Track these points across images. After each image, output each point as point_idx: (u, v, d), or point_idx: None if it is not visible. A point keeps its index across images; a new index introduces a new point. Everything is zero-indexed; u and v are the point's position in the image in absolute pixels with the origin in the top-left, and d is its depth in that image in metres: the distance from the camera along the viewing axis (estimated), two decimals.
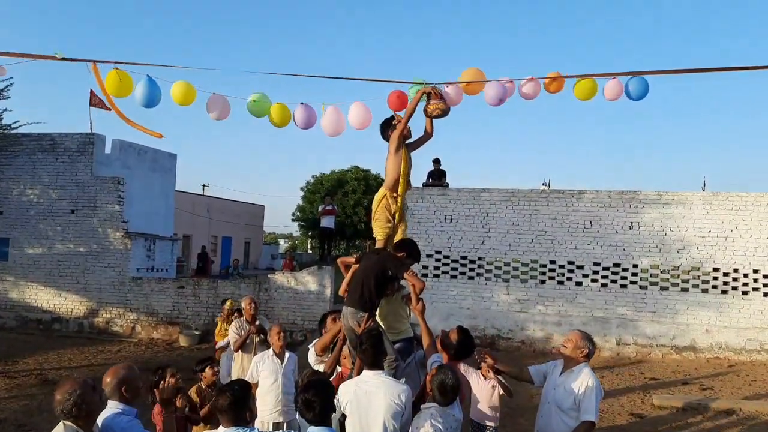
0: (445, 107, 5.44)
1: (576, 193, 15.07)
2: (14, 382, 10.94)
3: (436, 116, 5.48)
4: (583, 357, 4.60)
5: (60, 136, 17.07)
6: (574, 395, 4.46)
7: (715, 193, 14.61)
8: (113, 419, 3.70)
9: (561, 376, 4.65)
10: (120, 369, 3.89)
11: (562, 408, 4.52)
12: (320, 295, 15.31)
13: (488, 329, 15.11)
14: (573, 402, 4.46)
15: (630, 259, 14.60)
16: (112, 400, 3.76)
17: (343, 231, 34.26)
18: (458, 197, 15.60)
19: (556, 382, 4.67)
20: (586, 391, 4.43)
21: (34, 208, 16.98)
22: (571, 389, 4.49)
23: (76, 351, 13.87)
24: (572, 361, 4.62)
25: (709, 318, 14.18)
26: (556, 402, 4.57)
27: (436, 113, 5.44)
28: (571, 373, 4.58)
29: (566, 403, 4.50)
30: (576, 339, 4.66)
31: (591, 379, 4.48)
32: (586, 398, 4.42)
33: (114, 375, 3.81)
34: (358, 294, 4.73)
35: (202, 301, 15.97)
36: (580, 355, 4.60)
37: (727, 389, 11.38)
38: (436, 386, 3.99)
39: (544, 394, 4.77)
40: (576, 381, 4.51)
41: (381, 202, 5.47)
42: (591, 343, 4.65)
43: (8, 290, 17.05)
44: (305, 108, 5.84)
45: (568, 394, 4.49)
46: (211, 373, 6.20)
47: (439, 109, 5.43)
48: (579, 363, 4.59)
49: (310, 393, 3.61)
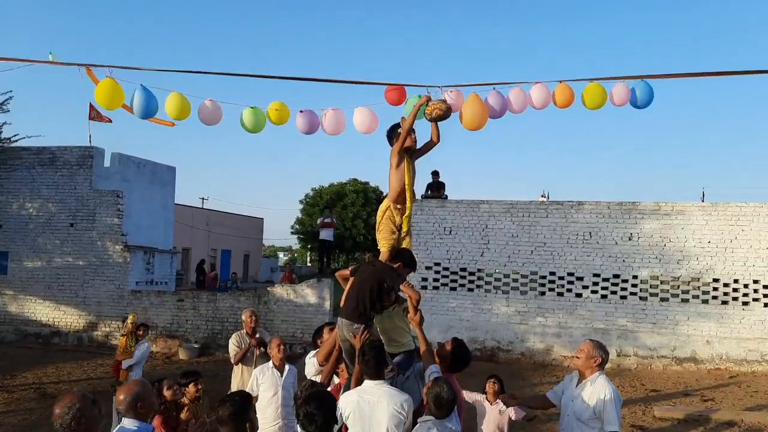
0: (445, 107, 5.29)
1: (575, 205, 15.09)
2: (13, 396, 10.89)
3: (437, 117, 5.31)
4: (597, 366, 4.62)
5: (59, 150, 17.09)
6: (593, 406, 4.48)
7: (715, 204, 14.63)
8: None
9: (578, 388, 4.67)
10: (133, 385, 3.83)
11: (582, 419, 4.54)
12: (319, 307, 15.28)
13: (488, 341, 15.08)
14: (592, 413, 4.48)
15: (630, 270, 14.60)
16: (127, 417, 3.70)
17: (342, 243, 34.26)
18: (457, 209, 15.61)
19: (573, 393, 4.69)
20: (605, 401, 4.45)
21: (33, 221, 16.97)
22: (589, 400, 4.51)
23: (75, 365, 13.81)
24: (587, 372, 4.65)
25: (709, 329, 14.15)
26: (576, 414, 4.59)
27: (435, 113, 5.27)
28: (587, 384, 4.60)
29: (585, 414, 4.52)
30: (588, 349, 4.67)
31: (608, 388, 4.50)
32: (607, 408, 4.44)
33: (128, 392, 3.74)
34: (353, 305, 4.72)
35: (201, 315, 15.92)
36: (594, 365, 4.62)
37: (729, 400, 11.35)
38: (432, 399, 3.99)
39: (563, 407, 4.79)
40: (593, 391, 4.53)
41: (385, 213, 5.45)
42: (603, 352, 4.67)
43: (7, 304, 17.00)
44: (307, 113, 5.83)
45: (587, 405, 4.51)
46: (194, 390, 5.86)
47: (438, 109, 5.27)
48: (594, 372, 4.61)
49: (312, 406, 3.58)
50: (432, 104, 5.30)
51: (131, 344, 9.37)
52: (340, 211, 34.69)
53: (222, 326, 15.60)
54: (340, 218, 33.54)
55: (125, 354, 9.38)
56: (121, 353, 9.47)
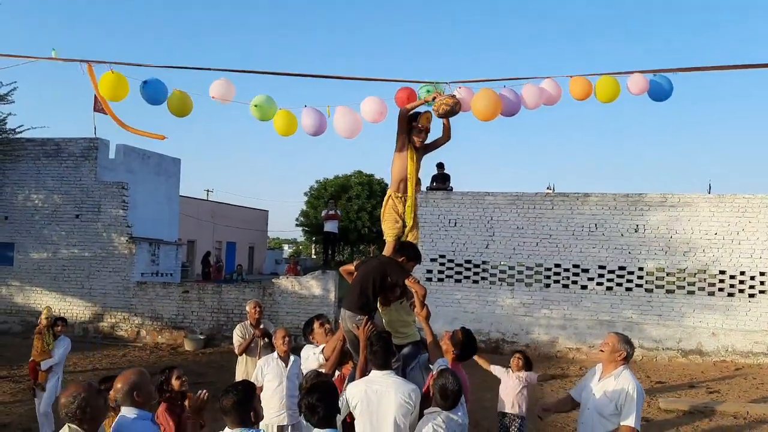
0: (452, 102, 5.21)
1: (581, 197, 15.03)
2: (19, 386, 10.95)
3: (444, 113, 5.25)
4: (622, 360, 4.48)
5: (64, 141, 17.11)
6: (616, 401, 4.35)
7: (721, 196, 14.55)
8: (131, 425, 3.69)
9: (600, 382, 4.53)
10: (130, 374, 3.86)
11: (604, 414, 4.41)
12: (324, 299, 15.29)
13: (493, 333, 15.07)
14: (615, 408, 4.36)
15: (635, 262, 14.55)
16: (125, 405, 3.75)
17: (346, 236, 34.29)
18: (462, 201, 15.58)
19: (595, 388, 4.55)
20: (627, 396, 4.32)
21: (38, 213, 17.01)
22: (612, 394, 4.38)
23: (80, 355, 13.86)
24: (611, 365, 4.51)
25: (715, 321, 14.11)
26: (597, 408, 4.46)
27: (443, 109, 5.20)
28: (610, 378, 4.47)
29: (608, 409, 4.39)
30: (613, 342, 4.54)
31: (632, 383, 4.36)
32: (628, 403, 4.31)
33: (125, 381, 3.79)
34: (356, 297, 4.74)
35: (206, 306, 15.96)
36: (619, 359, 4.49)
37: (734, 392, 11.32)
38: (438, 390, 4.00)
39: (584, 401, 4.65)
40: (617, 386, 4.39)
41: (387, 202, 5.45)
42: (629, 346, 4.53)
43: (13, 295, 17.07)
44: (314, 113, 5.62)
45: (609, 399, 4.39)
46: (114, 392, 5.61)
47: (445, 104, 5.20)
48: (618, 366, 4.48)
49: (314, 397, 3.56)
50: (439, 99, 5.24)
51: (48, 342, 8.14)
52: (344, 204, 34.69)
53: (227, 317, 15.64)
54: (345, 210, 33.54)
55: (43, 354, 8.10)
56: (38, 353, 8.11)
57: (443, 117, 5.34)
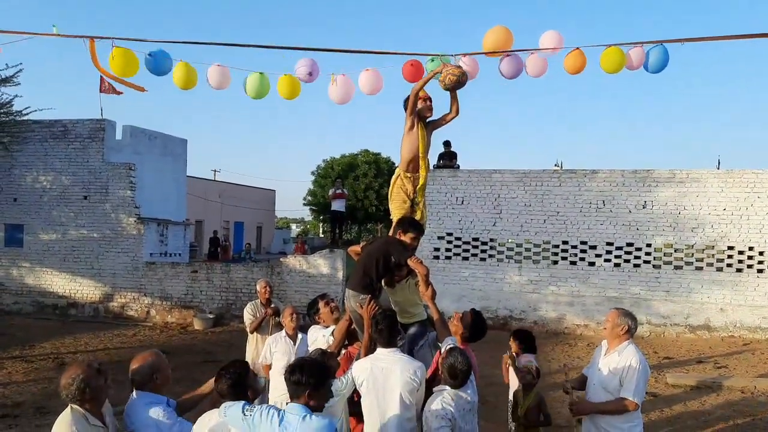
0: (459, 72, 5.15)
1: (589, 173, 14.96)
2: (32, 366, 11.08)
3: (451, 84, 5.17)
4: (625, 334, 4.50)
5: (71, 123, 17.12)
6: (619, 375, 4.39)
7: (730, 171, 14.45)
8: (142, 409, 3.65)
9: (606, 357, 4.58)
10: (149, 356, 3.81)
11: (608, 389, 4.46)
12: (332, 278, 15.35)
13: (500, 310, 15.12)
14: (618, 383, 4.40)
15: (643, 238, 14.51)
16: (143, 390, 3.72)
17: (354, 215, 34.29)
18: (469, 179, 15.54)
19: (600, 363, 4.60)
20: (630, 370, 4.35)
21: (47, 194, 17.08)
22: (615, 369, 4.43)
23: (92, 335, 14.02)
24: (615, 341, 4.55)
25: (723, 296, 14.09)
26: (602, 383, 4.51)
27: (449, 80, 5.13)
28: (614, 354, 4.51)
29: (611, 383, 4.44)
30: (613, 317, 4.57)
31: (635, 357, 4.39)
32: (629, 377, 4.35)
33: (144, 361, 3.75)
34: (359, 277, 4.76)
35: (215, 285, 16.05)
36: (621, 333, 4.51)
37: (742, 368, 11.34)
38: (446, 369, 4.01)
39: (590, 377, 4.71)
40: (620, 361, 4.43)
41: (396, 182, 5.42)
42: (630, 319, 4.54)
43: (24, 276, 17.22)
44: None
45: (613, 374, 4.43)
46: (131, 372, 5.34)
47: (451, 74, 5.13)
48: (622, 341, 4.50)
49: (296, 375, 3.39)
50: (446, 70, 5.15)
51: None
52: (352, 183, 34.64)
53: (236, 297, 15.74)
54: (352, 189, 33.51)
55: None
56: None
57: (450, 89, 5.27)
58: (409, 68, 5.62)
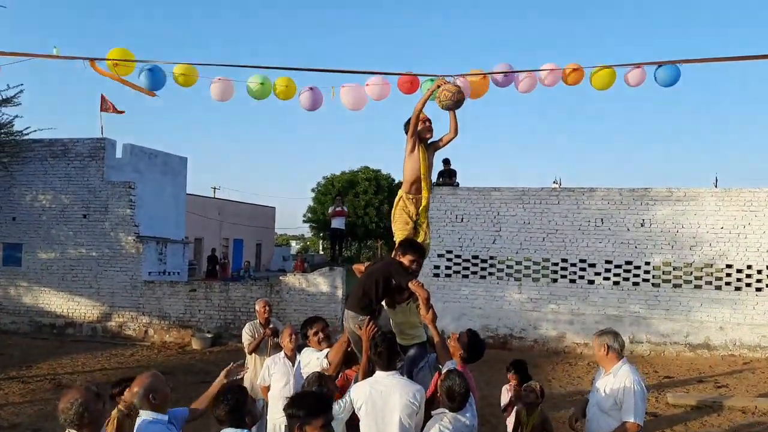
0: (455, 90, 5.15)
1: (587, 191, 15.00)
2: (28, 387, 11.03)
3: (447, 103, 5.17)
4: (612, 354, 4.61)
5: (71, 142, 17.17)
6: (613, 396, 4.49)
7: (727, 189, 14.49)
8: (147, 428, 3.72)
9: (602, 379, 4.69)
10: (145, 377, 3.89)
11: (603, 409, 4.57)
12: (332, 296, 15.32)
13: (501, 329, 15.07)
14: (613, 402, 4.49)
15: (642, 256, 14.52)
16: (143, 408, 3.78)
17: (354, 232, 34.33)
18: (469, 197, 15.57)
19: (598, 384, 4.72)
20: (625, 390, 4.43)
21: (46, 213, 17.09)
22: (611, 390, 4.53)
23: (89, 355, 13.96)
24: (607, 363, 4.67)
25: (723, 315, 14.07)
26: (599, 404, 4.62)
27: (444, 95, 5.14)
28: (610, 375, 4.62)
29: (606, 403, 4.54)
30: (595, 344, 4.73)
31: (630, 377, 4.47)
32: (626, 398, 4.42)
33: (140, 384, 3.82)
34: (359, 297, 4.75)
35: (214, 304, 16.01)
36: (606, 355, 4.63)
37: (742, 387, 11.30)
38: (444, 392, 4.01)
39: (590, 399, 4.83)
40: (616, 382, 4.53)
41: (398, 204, 5.42)
42: (610, 338, 4.64)
43: (22, 295, 17.17)
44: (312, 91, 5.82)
45: (608, 395, 4.53)
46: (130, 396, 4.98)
47: (447, 90, 5.14)
48: (615, 363, 4.61)
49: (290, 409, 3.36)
50: (442, 89, 5.17)
51: None
52: (352, 199, 34.72)
53: (234, 315, 15.69)
54: (352, 206, 33.56)
55: None
56: None
57: (448, 108, 5.29)
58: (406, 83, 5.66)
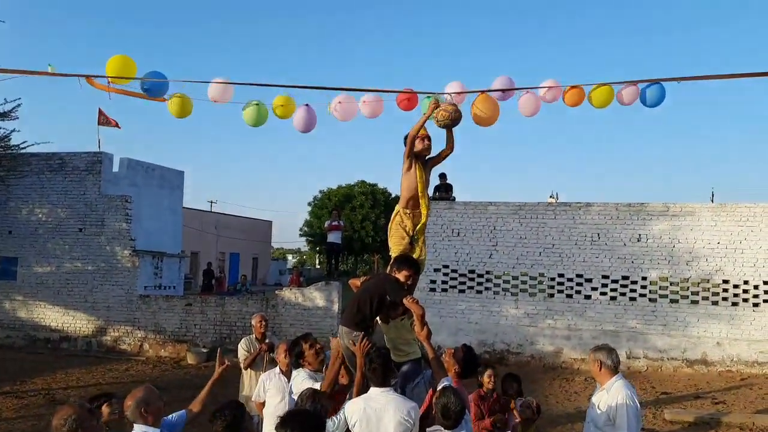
0: (452, 109, 5.23)
1: (583, 206, 15.02)
2: (22, 402, 10.94)
3: (445, 122, 5.24)
4: (606, 370, 4.64)
5: (68, 156, 17.18)
6: (607, 411, 4.52)
7: (724, 205, 14.53)
8: None
9: (597, 395, 4.73)
10: (138, 391, 3.89)
11: (598, 425, 4.60)
12: (328, 310, 15.27)
13: (497, 344, 15.02)
14: (607, 418, 4.52)
15: (639, 271, 14.52)
16: (137, 423, 3.78)
17: (351, 245, 34.31)
18: (465, 211, 15.58)
19: (594, 400, 4.76)
20: (618, 407, 4.46)
21: (42, 227, 17.05)
22: (605, 406, 4.56)
23: (83, 370, 13.87)
24: (602, 379, 4.71)
25: (720, 330, 14.05)
26: (593, 420, 4.66)
27: (441, 116, 5.21)
28: (603, 391, 4.66)
29: (600, 419, 4.58)
30: (590, 359, 4.78)
31: (623, 393, 4.50)
32: (620, 414, 4.46)
33: (132, 398, 3.82)
34: (353, 313, 4.73)
35: (209, 319, 15.94)
36: (601, 372, 4.66)
37: (740, 403, 11.26)
38: (440, 409, 3.98)
39: (587, 415, 4.88)
40: (609, 398, 4.56)
41: (395, 218, 5.44)
42: (606, 356, 4.67)
43: (17, 309, 17.08)
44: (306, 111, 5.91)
45: (602, 411, 4.57)
46: (108, 411, 5.02)
47: (445, 110, 5.21)
48: (609, 378, 4.64)
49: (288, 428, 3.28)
50: (440, 109, 5.24)
51: None
52: (348, 213, 34.74)
53: (230, 330, 15.62)
54: (349, 220, 33.58)
55: None
56: None
57: (445, 127, 5.34)
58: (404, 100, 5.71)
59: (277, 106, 5.94)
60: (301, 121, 5.95)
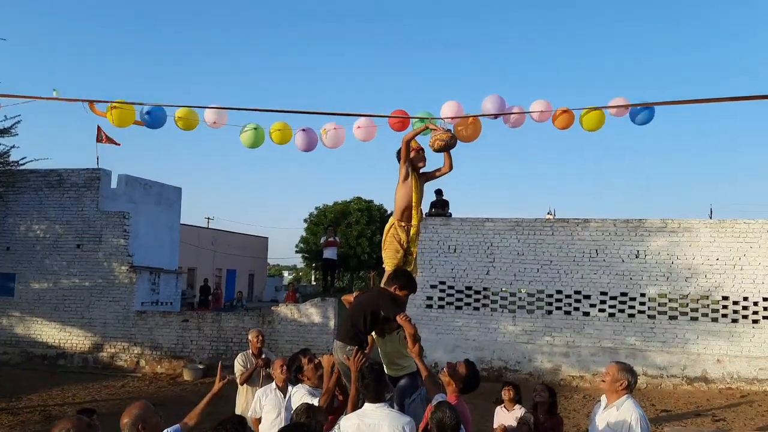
0: (447, 137, 5.31)
1: (581, 222, 15.03)
2: (18, 418, 10.84)
3: (440, 149, 5.34)
4: (624, 390, 4.46)
5: (66, 172, 17.18)
6: (617, 430, 4.34)
7: (722, 221, 14.55)
8: None
9: (604, 412, 4.53)
10: (134, 408, 3.87)
11: None
12: (324, 327, 15.20)
13: (495, 361, 14.95)
14: None
15: (637, 288, 14.49)
16: None
17: (346, 262, 34.24)
18: (462, 227, 15.57)
19: (599, 418, 4.56)
20: (631, 425, 4.29)
21: (40, 243, 17.00)
22: (614, 425, 4.37)
23: (80, 387, 13.76)
24: (613, 396, 4.50)
25: (719, 347, 14.00)
26: None
27: (438, 145, 5.30)
28: (613, 408, 4.47)
29: None
30: (613, 372, 4.52)
31: (634, 413, 4.33)
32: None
33: (128, 414, 3.80)
34: (347, 327, 4.73)
35: (206, 335, 15.86)
36: (620, 388, 4.46)
37: (740, 420, 11.20)
38: (435, 425, 3.96)
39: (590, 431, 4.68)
40: (619, 416, 4.38)
41: (389, 231, 5.45)
42: (630, 374, 4.50)
43: (14, 326, 16.98)
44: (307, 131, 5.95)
45: (611, 429, 4.38)
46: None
47: (439, 139, 5.29)
48: (620, 396, 4.46)
49: None
50: (434, 135, 5.32)
51: None
52: (344, 230, 34.70)
53: (227, 346, 15.53)
54: (345, 237, 33.55)
55: None
56: None
57: (441, 151, 5.41)
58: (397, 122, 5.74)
59: (274, 131, 5.99)
60: (302, 142, 6.00)
